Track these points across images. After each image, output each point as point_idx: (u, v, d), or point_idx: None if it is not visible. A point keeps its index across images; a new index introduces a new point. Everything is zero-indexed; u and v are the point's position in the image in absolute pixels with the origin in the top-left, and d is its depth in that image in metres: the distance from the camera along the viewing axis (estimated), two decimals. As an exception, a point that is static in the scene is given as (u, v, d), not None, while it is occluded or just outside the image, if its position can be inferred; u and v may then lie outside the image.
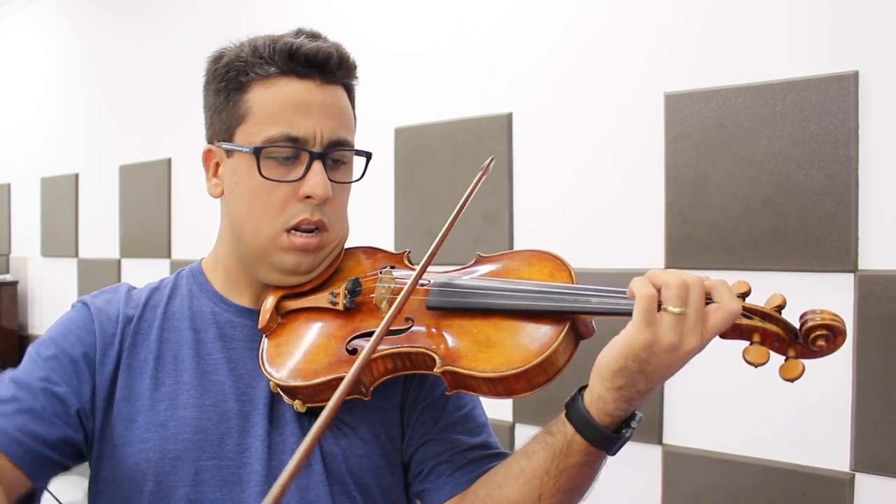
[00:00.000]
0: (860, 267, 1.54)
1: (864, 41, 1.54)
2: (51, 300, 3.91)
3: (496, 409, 2.04)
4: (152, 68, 3.25)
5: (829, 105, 1.56)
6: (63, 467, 0.91)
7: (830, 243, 1.56)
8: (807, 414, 1.60)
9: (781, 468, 1.62)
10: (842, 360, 1.55)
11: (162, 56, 3.20)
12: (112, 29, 3.53)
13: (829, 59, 1.57)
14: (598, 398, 0.79)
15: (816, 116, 1.57)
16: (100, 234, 3.51)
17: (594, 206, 1.92)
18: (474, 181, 0.93)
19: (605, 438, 0.80)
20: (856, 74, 1.53)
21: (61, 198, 3.75)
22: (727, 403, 1.71)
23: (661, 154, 1.79)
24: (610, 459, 0.84)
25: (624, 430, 0.80)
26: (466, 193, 0.91)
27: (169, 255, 3.15)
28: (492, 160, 0.98)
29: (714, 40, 1.73)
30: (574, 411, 0.81)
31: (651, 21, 1.83)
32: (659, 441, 1.79)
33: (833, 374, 1.56)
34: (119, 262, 3.40)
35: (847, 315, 1.53)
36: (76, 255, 3.67)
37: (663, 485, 1.79)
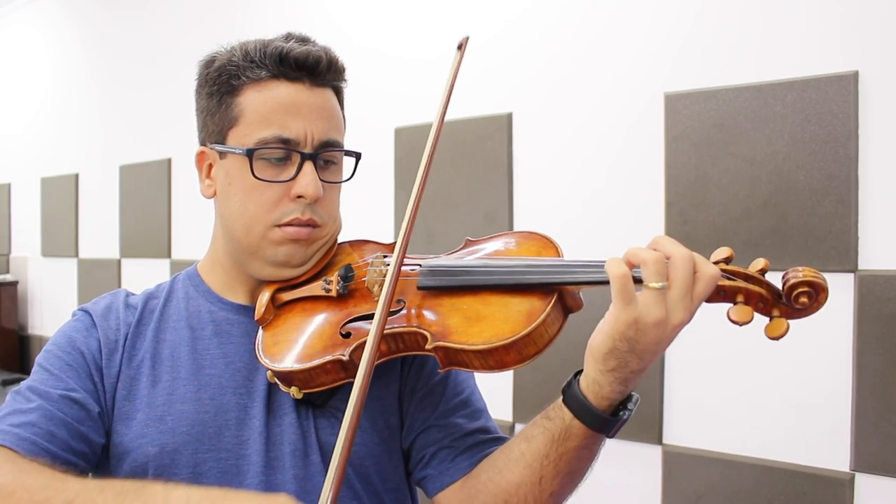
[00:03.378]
0: (860, 267, 1.54)
1: (864, 41, 1.54)
2: (51, 300, 3.91)
3: (496, 410, 2.03)
4: (153, 69, 3.26)
5: (829, 105, 1.56)
6: (86, 473, 0.93)
7: (830, 243, 1.56)
8: (807, 414, 1.60)
9: (781, 468, 1.62)
10: (842, 360, 1.55)
11: (162, 56, 3.20)
12: (113, 29, 3.54)
13: (829, 59, 1.57)
14: (594, 382, 0.80)
15: (816, 116, 1.57)
16: (100, 234, 3.51)
17: (594, 206, 1.92)
18: (454, 63, 0.95)
19: (603, 422, 0.81)
20: (856, 74, 1.53)
21: (61, 198, 3.75)
22: (727, 403, 1.71)
23: (661, 154, 1.79)
24: (610, 459, 0.85)
25: (621, 413, 0.81)
26: (448, 83, 0.93)
27: (169, 255, 3.15)
28: (467, 38, 0.98)
29: (714, 41, 1.73)
30: (571, 396, 0.82)
31: (651, 22, 1.83)
32: (659, 441, 1.79)
33: (833, 374, 1.56)
34: (119, 262, 3.40)
35: (847, 315, 1.53)
36: (76, 255, 3.67)
37: (663, 485, 1.79)
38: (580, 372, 0.83)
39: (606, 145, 1.91)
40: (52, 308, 3.90)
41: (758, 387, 1.65)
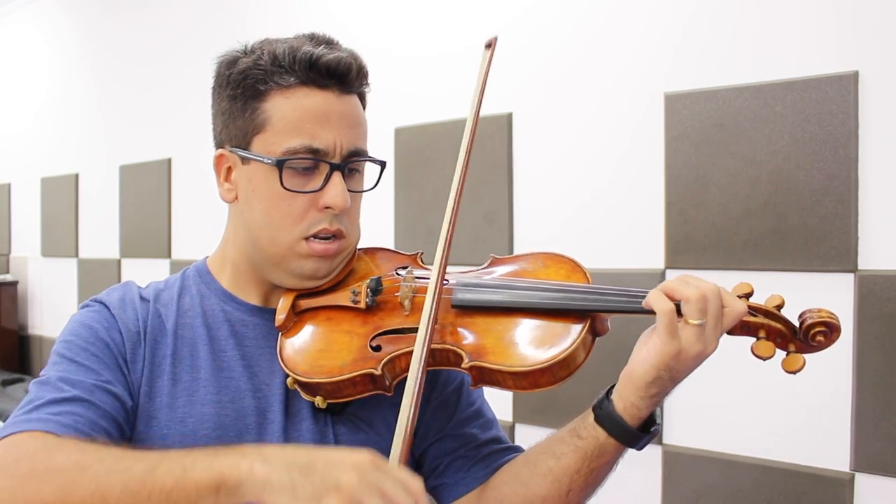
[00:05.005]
0: (860, 267, 1.54)
1: (864, 41, 1.54)
2: (51, 300, 3.91)
3: (496, 410, 2.03)
4: (153, 69, 3.25)
5: (829, 105, 1.56)
6: None
7: (830, 243, 1.56)
8: (807, 414, 1.60)
9: (781, 468, 1.62)
10: (842, 360, 1.55)
11: (163, 56, 3.19)
12: (113, 30, 3.54)
13: (829, 59, 1.57)
14: (632, 406, 0.85)
15: (816, 116, 1.57)
16: (100, 234, 3.52)
17: (594, 206, 1.92)
18: (484, 63, 0.96)
19: (638, 438, 0.87)
20: (856, 74, 1.53)
21: (61, 198, 3.75)
22: (727, 404, 1.71)
23: (661, 154, 1.79)
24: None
25: (653, 429, 0.88)
26: (480, 82, 0.97)
27: (169, 255, 3.15)
28: (495, 38, 1.00)
29: (714, 41, 1.73)
30: (606, 418, 0.86)
31: (651, 22, 1.83)
32: (659, 441, 1.79)
33: (833, 374, 1.56)
34: (119, 262, 3.40)
35: (847, 315, 1.53)
36: (76, 255, 3.67)
37: (663, 485, 1.79)
38: (608, 393, 0.87)
39: (606, 145, 1.90)
40: (52, 308, 3.90)
41: (757, 387, 1.65)
